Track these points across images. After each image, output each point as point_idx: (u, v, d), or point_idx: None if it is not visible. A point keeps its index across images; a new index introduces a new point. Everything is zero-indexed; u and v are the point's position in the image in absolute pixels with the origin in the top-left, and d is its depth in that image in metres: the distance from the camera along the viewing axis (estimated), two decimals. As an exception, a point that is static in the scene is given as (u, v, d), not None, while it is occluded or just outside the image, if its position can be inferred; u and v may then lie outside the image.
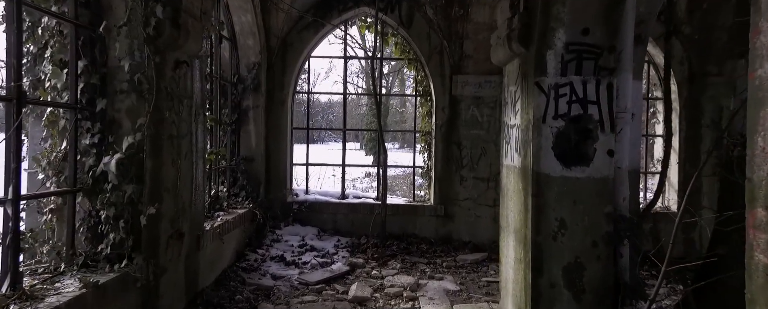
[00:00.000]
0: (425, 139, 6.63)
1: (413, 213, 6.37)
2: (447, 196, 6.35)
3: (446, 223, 6.38)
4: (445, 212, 6.34)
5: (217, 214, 5.00)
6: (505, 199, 3.87)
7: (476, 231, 6.33)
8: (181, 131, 3.65)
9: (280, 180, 6.32)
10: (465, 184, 6.33)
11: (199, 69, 4.02)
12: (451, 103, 6.33)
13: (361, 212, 6.37)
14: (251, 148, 6.04)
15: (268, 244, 5.65)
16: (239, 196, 5.78)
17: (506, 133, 3.89)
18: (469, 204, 6.33)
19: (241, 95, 6.01)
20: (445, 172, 6.34)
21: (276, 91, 6.33)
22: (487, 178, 6.31)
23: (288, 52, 6.32)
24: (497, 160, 6.28)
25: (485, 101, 6.29)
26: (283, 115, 6.35)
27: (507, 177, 3.83)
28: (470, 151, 6.32)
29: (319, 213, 6.34)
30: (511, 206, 3.71)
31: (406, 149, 34.27)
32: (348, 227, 6.37)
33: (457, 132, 6.32)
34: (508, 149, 3.85)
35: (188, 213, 3.81)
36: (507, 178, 3.83)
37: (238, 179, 5.89)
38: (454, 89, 6.30)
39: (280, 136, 6.34)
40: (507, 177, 3.83)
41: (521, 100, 3.53)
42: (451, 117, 6.33)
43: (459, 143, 6.33)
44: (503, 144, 3.97)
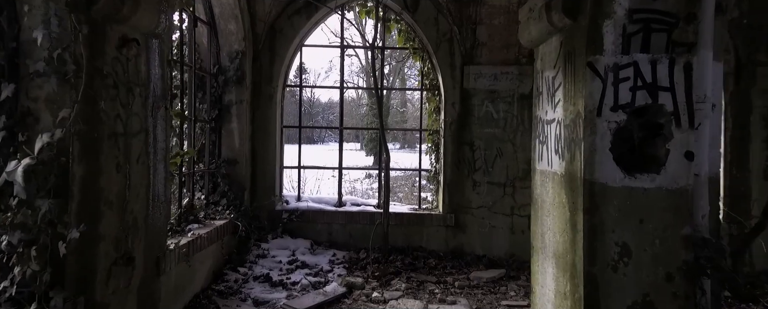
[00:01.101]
0: (432, 138, 5.83)
1: (419, 223, 5.58)
2: (458, 204, 5.56)
3: (457, 234, 5.58)
4: (455, 222, 5.55)
5: (190, 227, 4.21)
6: (540, 214, 3.08)
7: (491, 244, 5.54)
8: (131, 128, 2.86)
9: (268, 185, 5.53)
10: (478, 189, 5.54)
11: (159, 52, 3.23)
12: (462, 98, 5.54)
13: (361, 222, 5.57)
14: (234, 149, 5.25)
15: (252, 260, 4.86)
16: (219, 204, 4.99)
17: (540, 131, 3.10)
18: (483, 212, 5.54)
19: (223, 88, 5.21)
20: (455, 177, 5.55)
21: (263, 84, 5.54)
22: (504, 183, 5.51)
23: (277, 40, 5.53)
24: (515, 162, 5.49)
25: (501, 95, 5.50)
26: (271, 111, 5.56)
27: (542, 186, 3.04)
28: (484, 152, 5.53)
29: (313, 223, 5.54)
30: (549, 223, 2.91)
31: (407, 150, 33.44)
32: (345, 239, 5.57)
33: (469, 131, 5.53)
34: (542, 151, 3.05)
35: (142, 231, 3.02)
36: (542, 188, 3.04)
37: (219, 185, 5.10)
38: (465, 82, 5.51)
39: (267, 136, 5.55)
40: (542, 186, 3.04)
41: (564, 88, 2.73)
42: (463, 113, 5.54)
43: (471, 143, 5.53)
44: (536, 144, 3.18)
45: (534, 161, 3.20)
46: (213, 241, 4.30)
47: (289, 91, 30.77)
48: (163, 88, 3.30)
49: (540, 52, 3.14)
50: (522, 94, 5.48)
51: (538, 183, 3.09)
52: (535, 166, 3.16)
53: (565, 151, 2.70)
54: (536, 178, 3.14)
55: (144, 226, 3.04)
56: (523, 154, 5.49)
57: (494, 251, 5.54)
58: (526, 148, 5.49)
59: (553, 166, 2.86)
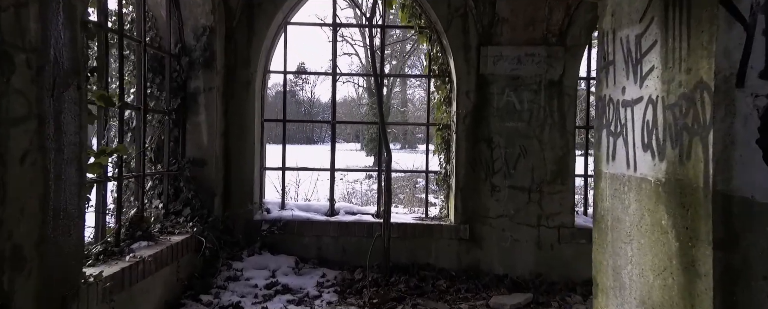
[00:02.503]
0: (442, 134, 4.84)
1: (427, 235, 4.59)
2: (473, 212, 4.57)
3: (472, 249, 4.59)
4: (470, 234, 4.56)
5: (136, 246, 3.23)
6: (612, 239, 2.08)
7: (514, 261, 4.54)
8: (8, 112, 1.89)
9: (245, 191, 4.54)
10: (498, 195, 4.54)
11: (67, 7, 2.25)
12: (478, 86, 4.55)
13: (356, 234, 4.58)
14: (202, 147, 4.26)
15: (221, 284, 3.86)
16: (182, 214, 4.00)
17: (612, 117, 2.10)
18: (503, 223, 4.55)
19: (187, 72, 4.22)
20: (470, 180, 4.55)
21: (239, 68, 4.55)
22: (529, 187, 4.52)
23: (256, 16, 4.55)
24: (541, 162, 4.50)
25: (526, 82, 4.51)
26: (248, 101, 4.57)
27: (615, 197, 2.05)
28: (505, 150, 4.53)
29: (298, 236, 4.55)
30: (632, 255, 1.92)
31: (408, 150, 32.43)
32: (337, 255, 4.58)
33: (486, 125, 4.54)
34: (616, 146, 2.06)
35: (34, 262, 2.04)
36: (615, 200, 2.04)
37: (182, 190, 4.11)
38: (482, 66, 4.52)
39: (244, 131, 4.56)
40: (615, 197, 2.05)
41: (664, 48, 1.74)
42: (479, 104, 4.55)
43: (489, 140, 4.54)
44: (602, 137, 2.18)
45: (598, 161, 2.20)
46: (165, 263, 3.31)
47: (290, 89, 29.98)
48: (74, 60, 2.31)
49: (610, 4, 2.15)
50: (550, 80, 4.49)
51: (608, 193, 2.10)
52: (601, 168, 2.17)
53: (666, 145, 1.71)
54: (603, 185, 2.15)
55: (36, 256, 2.06)
56: (551, 153, 4.50)
57: (517, 270, 4.55)
58: (556, 145, 4.50)
59: (639, 169, 1.87)
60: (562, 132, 4.50)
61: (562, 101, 4.49)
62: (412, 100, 35.98)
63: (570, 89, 4.50)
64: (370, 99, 27.65)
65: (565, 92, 4.49)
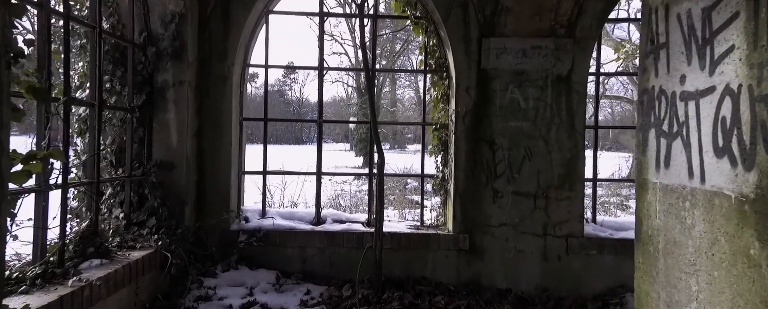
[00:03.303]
0: (439, 135, 4.39)
1: (423, 245, 4.14)
2: (473, 221, 4.12)
3: (473, 261, 4.15)
4: (470, 245, 4.12)
5: (86, 265, 2.73)
6: (665, 266, 1.64)
7: (518, 274, 4.11)
8: None
9: (220, 197, 4.04)
10: (500, 202, 4.11)
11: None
12: (479, 82, 4.11)
13: (345, 245, 4.11)
14: (171, 149, 3.76)
15: (190, 306, 3.36)
16: (146, 225, 3.49)
17: (664, 113, 1.66)
18: (506, 232, 4.11)
19: (154, 64, 3.72)
20: (470, 185, 4.11)
21: (214, 61, 4.05)
22: (534, 193, 4.09)
23: (233, 3, 4.05)
24: (548, 165, 4.07)
25: (531, 78, 4.08)
26: (225, 98, 4.07)
27: (671, 214, 1.61)
28: (508, 152, 4.10)
29: (281, 247, 4.07)
30: (698, 290, 1.48)
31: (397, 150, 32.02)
32: (324, 269, 4.11)
33: (488, 124, 4.10)
34: (672, 149, 1.62)
35: None
36: (671, 218, 1.61)
37: (147, 198, 3.60)
38: (484, 60, 4.08)
39: (220, 131, 4.06)
40: (671, 214, 1.61)
41: (747, 23, 1.30)
42: (480, 102, 4.11)
43: (491, 141, 4.11)
44: (651, 139, 1.74)
45: (643, 169, 1.77)
46: (120, 284, 2.80)
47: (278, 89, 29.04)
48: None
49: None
50: (558, 75, 4.07)
51: (658, 208, 1.67)
52: (647, 176, 1.73)
53: (757, 149, 1.28)
54: (651, 198, 1.71)
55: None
56: (558, 155, 4.08)
57: (522, 284, 4.12)
58: (563, 146, 4.08)
59: (708, 180, 1.44)
60: (571, 132, 4.08)
61: (570, 98, 4.07)
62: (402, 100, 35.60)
63: (579, 86, 4.08)
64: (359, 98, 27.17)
65: (574, 89, 4.07)
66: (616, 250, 4.08)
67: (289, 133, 39.79)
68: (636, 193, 1.82)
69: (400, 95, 36.50)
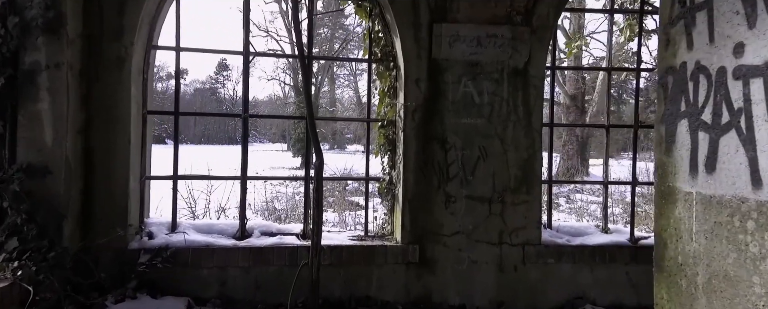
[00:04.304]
0: (385, 132, 3.84)
1: (367, 260, 3.57)
2: (424, 229, 3.62)
3: (423, 275, 3.64)
4: (421, 256, 3.61)
5: None
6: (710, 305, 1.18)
7: (473, 287, 3.66)
8: None
9: (115, 209, 3.21)
10: (453, 207, 3.64)
11: None
12: (430, 73, 3.61)
13: (275, 262, 3.44)
14: (44, 148, 2.89)
15: (64, 355, 2.55)
16: (5, 248, 2.62)
17: (700, 99, 1.20)
18: (460, 241, 3.65)
19: (19, 40, 2.84)
20: (420, 189, 3.60)
21: (107, 40, 3.22)
22: (489, 197, 3.66)
23: (132, -31, 3.25)
24: (504, 166, 3.65)
25: (486, 70, 3.64)
26: (122, 86, 3.25)
27: (716, 235, 1.14)
28: (462, 152, 3.64)
29: (194, 268, 3.32)
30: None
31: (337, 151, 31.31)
32: (249, 292, 3.42)
33: (440, 121, 3.61)
34: (716, 148, 1.15)
35: None
36: (716, 240, 1.14)
37: (7, 214, 2.72)
38: (435, 49, 3.59)
39: (115, 126, 3.23)
40: (716, 235, 1.14)
41: None
42: (431, 96, 3.61)
43: (444, 140, 3.62)
44: (682, 133, 1.27)
45: (668, 173, 1.31)
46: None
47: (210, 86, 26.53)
48: None
49: None
50: (514, 68, 3.67)
51: (695, 227, 1.21)
52: (677, 184, 1.28)
53: None
54: (682, 213, 1.25)
55: None
56: (515, 155, 3.67)
57: (476, 299, 3.67)
58: (520, 145, 3.68)
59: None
60: (528, 130, 3.69)
61: (527, 93, 3.69)
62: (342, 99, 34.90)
63: (536, 79, 3.70)
64: (297, 97, 26.13)
65: (531, 83, 3.69)
66: (575, 258, 3.75)
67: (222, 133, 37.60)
68: (656, 205, 1.36)
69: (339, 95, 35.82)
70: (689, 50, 1.27)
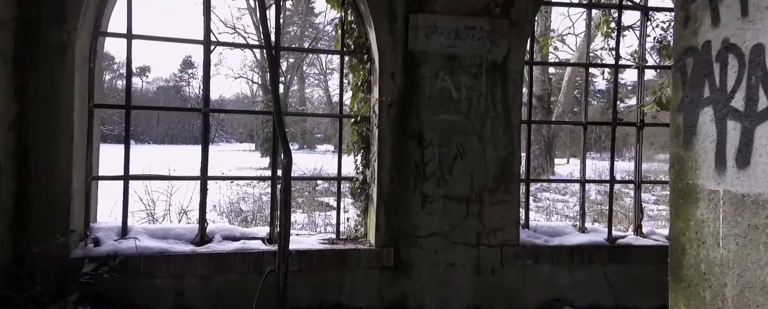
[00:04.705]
0: (358, 129, 3.61)
1: (339, 264, 3.33)
2: (400, 231, 3.41)
3: (398, 279, 3.43)
4: (395, 260, 3.40)
5: None
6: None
7: (449, 291, 3.48)
8: None
9: (56, 213, 2.85)
10: (430, 207, 3.45)
11: None
12: (407, 67, 3.41)
13: (238, 269, 3.16)
14: (-33, 145, 2.52)
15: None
16: None
17: (730, 82, 1.03)
18: (436, 243, 3.46)
19: (-64, 18, 2.45)
20: (396, 188, 3.40)
21: (46, 24, 2.85)
22: (467, 196, 3.49)
23: (76, -56, 2.89)
24: (482, 164, 3.49)
25: (464, 64, 3.47)
26: (64, 76, 2.89)
27: (750, 240, 0.97)
28: (439, 149, 3.45)
29: (147, 277, 3.00)
30: None
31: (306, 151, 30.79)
32: (208, 303, 3.11)
33: (416, 117, 3.42)
34: (751, 139, 0.99)
35: None
36: (751, 246, 0.97)
37: None
38: (412, 41, 3.39)
39: (56, 121, 2.87)
40: (750, 240, 0.97)
41: None
42: (407, 90, 3.41)
43: (420, 137, 3.43)
44: (706, 123, 1.10)
45: (687, 169, 1.15)
46: None
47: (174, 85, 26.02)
48: None
49: None
50: (493, 62, 3.51)
51: (722, 231, 1.05)
52: (699, 181, 1.12)
53: None
54: (704, 213, 1.09)
55: None
56: (494, 153, 3.52)
57: (453, 303, 3.49)
58: (499, 143, 3.53)
59: None
60: (507, 127, 3.54)
61: (506, 89, 3.54)
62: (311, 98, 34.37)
63: (515, 74, 3.56)
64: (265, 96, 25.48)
65: (510, 78, 3.54)
66: (553, 259, 3.63)
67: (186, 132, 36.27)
68: (671, 205, 1.20)
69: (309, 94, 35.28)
70: (714, 27, 1.11)
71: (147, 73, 50.10)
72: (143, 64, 49.41)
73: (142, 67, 49.13)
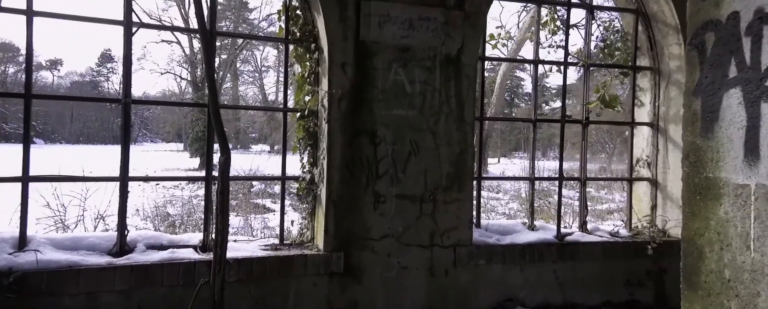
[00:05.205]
0: (305, 124, 3.30)
1: (283, 272, 3.00)
2: (350, 234, 3.15)
3: (348, 286, 3.17)
4: (346, 265, 3.13)
5: None
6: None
7: (402, 296, 3.27)
8: None
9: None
10: (383, 208, 3.22)
11: None
12: (358, 58, 3.16)
13: (166, 283, 2.73)
14: None
15: None
16: None
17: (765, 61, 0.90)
18: (389, 245, 3.24)
19: None
20: (347, 188, 3.13)
21: None
22: (421, 195, 3.31)
23: None
24: (436, 162, 3.33)
25: (418, 56, 3.29)
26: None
27: None
28: (393, 147, 3.24)
29: (52, 296, 2.49)
30: None
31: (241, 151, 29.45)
32: (131, 322, 2.66)
33: (368, 112, 3.18)
34: None
35: None
36: None
37: None
38: (364, 30, 3.14)
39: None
40: None
41: None
42: (359, 83, 3.16)
43: (373, 133, 3.19)
44: (731, 105, 0.97)
45: (708, 161, 1.01)
46: None
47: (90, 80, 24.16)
48: None
49: None
50: (447, 55, 3.36)
51: (754, 233, 0.91)
52: (721, 174, 0.98)
53: None
54: (730, 212, 0.96)
55: None
56: (448, 150, 3.37)
57: (405, 308, 3.29)
58: (453, 140, 3.38)
59: None
60: (460, 123, 3.41)
61: (460, 84, 3.40)
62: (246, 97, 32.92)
63: (469, 69, 3.43)
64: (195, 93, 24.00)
65: (464, 72, 3.41)
66: (505, 259, 3.55)
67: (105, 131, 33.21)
68: (685, 202, 1.06)
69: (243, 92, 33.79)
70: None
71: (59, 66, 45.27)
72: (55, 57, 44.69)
73: (53, 59, 44.26)
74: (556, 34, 3.98)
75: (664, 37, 3.89)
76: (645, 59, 4.05)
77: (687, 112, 1.09)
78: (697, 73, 1.06)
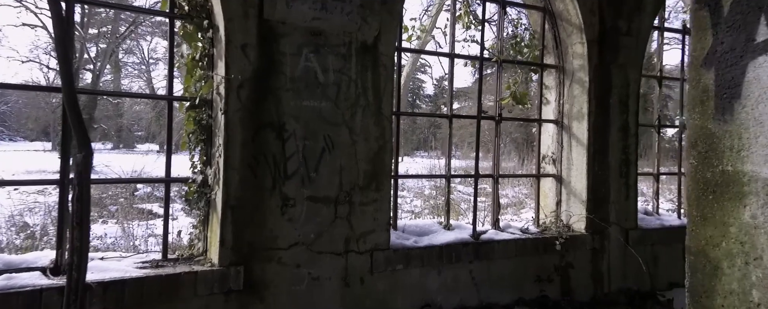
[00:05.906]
0: (196, 116, 2.73)
1: (166, 295, 2.43)
2: (252, 244, 2.67)
3: (250, 305, 2.68)
4: (246, 281, 2.65)
5: None
6: None
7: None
8: None
9: None
10: (292, 212, 2.79)
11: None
12: (262, 39, 2.68)
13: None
14: None
15: None
16: None
17: None
18: (299, 255, 2.82)
19: None
20: (249, 191, 2.64)
21: None
22: (335, 197, 2.94)
23: None
24: (353, 160, 2.98)
25: (332, 42, 2.91)
26: None
27: None
28: (304, 142, 2.82)
29: None
30: None
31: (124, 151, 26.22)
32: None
33: (275, 102, 2.72)
34: None
35: None
36: None
37: None
38: (268, 8, 2.68)
39: None
40: None
41: None
42: (264, 69, 2.69)
43: (281, 127, 2.74)
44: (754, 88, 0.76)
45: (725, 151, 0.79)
46: None
47: None
48: None
49: None
50: (364, 43, 3.03)
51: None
52: (744, 167, 0.76)
53: None
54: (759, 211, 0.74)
55: None
56: (365, 147, 3.04)
57: (320, 325, 2.90)
58: (370, 135, 3.07)
59: None
60: (378, 117, 3.10)
61: (377, 74, 3.10)
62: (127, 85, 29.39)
63: (387, 59, 3.15)
64: (66, 85, 20.72)
65: (381, 62, 3.12)
66: (423, 261, 3.33)
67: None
68: (692, 203, 0.84)
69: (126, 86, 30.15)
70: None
71: None
72: None
73: None
74: (470, 29, 3.87)
75: (568, 36, 3.98)
76: (551, 58, 4.12)
77: (693, 90, 0.87)
78: (709, 39, 0.85)
